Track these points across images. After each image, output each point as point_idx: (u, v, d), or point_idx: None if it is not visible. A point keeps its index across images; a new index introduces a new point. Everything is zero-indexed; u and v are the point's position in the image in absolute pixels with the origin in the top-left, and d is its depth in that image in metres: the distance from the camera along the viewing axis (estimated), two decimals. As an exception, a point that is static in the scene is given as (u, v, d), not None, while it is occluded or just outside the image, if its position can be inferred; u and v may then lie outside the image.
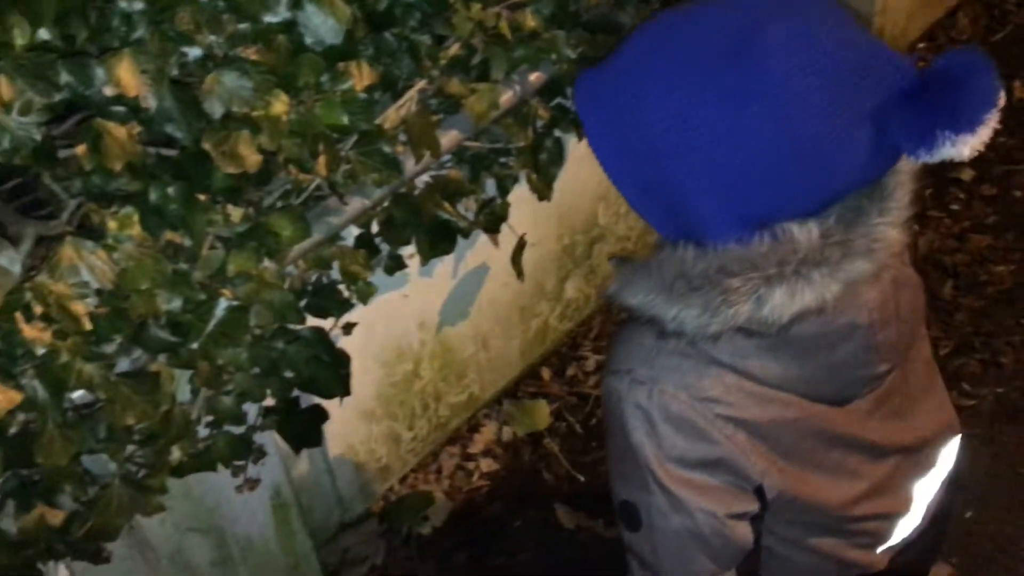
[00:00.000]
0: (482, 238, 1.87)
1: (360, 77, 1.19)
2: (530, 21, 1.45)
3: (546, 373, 2.43)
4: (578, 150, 1.92)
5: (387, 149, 1.28)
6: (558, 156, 1.72)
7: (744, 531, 1.06)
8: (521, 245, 1.72)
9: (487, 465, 2.26)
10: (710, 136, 0.89)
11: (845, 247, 0.92)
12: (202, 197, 1.08)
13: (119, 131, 0.96)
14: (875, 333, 1.02)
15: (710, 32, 0.90)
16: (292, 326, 1.35)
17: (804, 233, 0.91)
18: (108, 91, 0.92)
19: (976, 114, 0.84)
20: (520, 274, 1.73)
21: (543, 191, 1.72)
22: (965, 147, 0.85)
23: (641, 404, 0.99)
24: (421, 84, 1.35)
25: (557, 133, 1.71)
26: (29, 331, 0.98)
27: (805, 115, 0.86)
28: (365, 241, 1.51)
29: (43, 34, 0.84)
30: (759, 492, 1.05)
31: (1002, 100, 0.86)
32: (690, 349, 0.98)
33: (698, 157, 0.90)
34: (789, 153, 0.88)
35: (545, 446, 2.29)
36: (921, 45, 3.14)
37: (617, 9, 1.64)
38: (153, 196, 1.04)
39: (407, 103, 1.34)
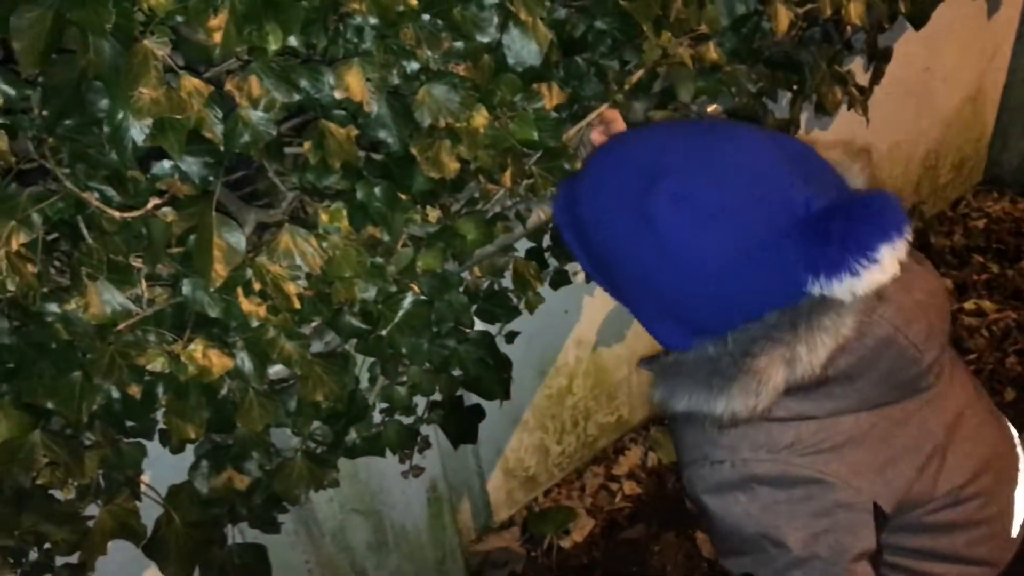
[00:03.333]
0: (645, 262, 1.92)
1: (550, 97, 1.27)
2: (712, 54, 1.50)
3: (695, 403, 2.43)
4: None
5: (568, 166, 1.35)
6: (728, 187, 1.75)
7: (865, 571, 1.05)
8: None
9: (630, 488, 2.28)
10: (631, 271, 1.04)
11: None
12: (402, 197, 1.18)
13: (340, 132, 1.07)
14: (905, 335, 1.04)
15: (627, 174, 1.04)
16: (463, 327, 1.44)
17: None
18: (337, 95, 1.03)
19: (840, 263, 0.91)
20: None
21: (711, 220, 1.75)
22: (836, 290, 0.93)
23: (728, 480, 1.04)
24: (605, 107, 1.42)
25: (729, 164, 1.75)
26: (247, 305, 1.09)
27: (697, 259, 0.97)
28: (536, 254, 1.58)
29: (292, 41, 0.95)
30: (876, 515, 1.05)
31: (883, 254, 0.90)
32: (748, 421, 1.03)
33: (629, 283, 1.06)
34: (696, 292, 0.99)
35: (689, 475, 2.30)
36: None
37: (799, 47, 1.67)
38: (360, 194, 1.14)
39: (589, 124, 1.41)
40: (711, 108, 1.60)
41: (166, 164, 1.01)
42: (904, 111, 2.44)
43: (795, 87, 1.70)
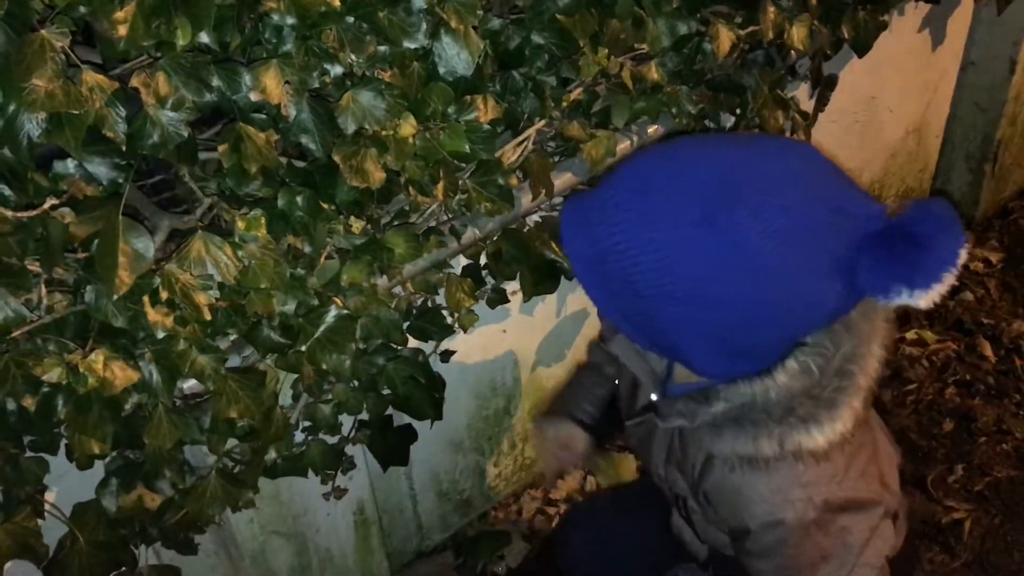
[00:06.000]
0: (585, 284, 1.88)
1: (485, 111, 1.24)
2: (654, 74, 1.48)
3: (636, 428, 2.41)
4: (689, 206, 1.93)
5: (502, 181, 1.32)
6: (668, 208, 1.73)
7: None
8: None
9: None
10: (687, 292, 0.95)
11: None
12: (326, 207, 1.13)
13: (259, 137, 1.03)
14: None
15: (691, 193, 0.94)
16: (394, 344, 1.40)
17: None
18: (253, 96, 0.99)
19: (933, 273, 0.91)
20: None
21: (650, 242, 1.73)
22: (921, 300, 0.92)
23: (809, 518, 1.07)
24: (541, 124, 1.40)
25: (670, 186, 1.73)
26: (153, 314, 1.04)
27: (775, 278, 0.92)
28: (472, 272, 1.55)
29: (203, 37, 0.91)
30: None
31: (962, 258, 0.91)
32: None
33: (677, 309, 0.97)
34: (761, 311, 0.95)
35: (628, 501, 2.26)
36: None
37: (742, 70, 1.66)
38: (281, 201, 1.10)
39: (526, 141, 1.39)
40: (652, 129, 1.58)
41: (70, 163, 0.96)
42: (848, 140, 2.45)
43: (737, 110, 1.69)
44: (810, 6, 1.62)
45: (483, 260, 1.55)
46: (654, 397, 1.20)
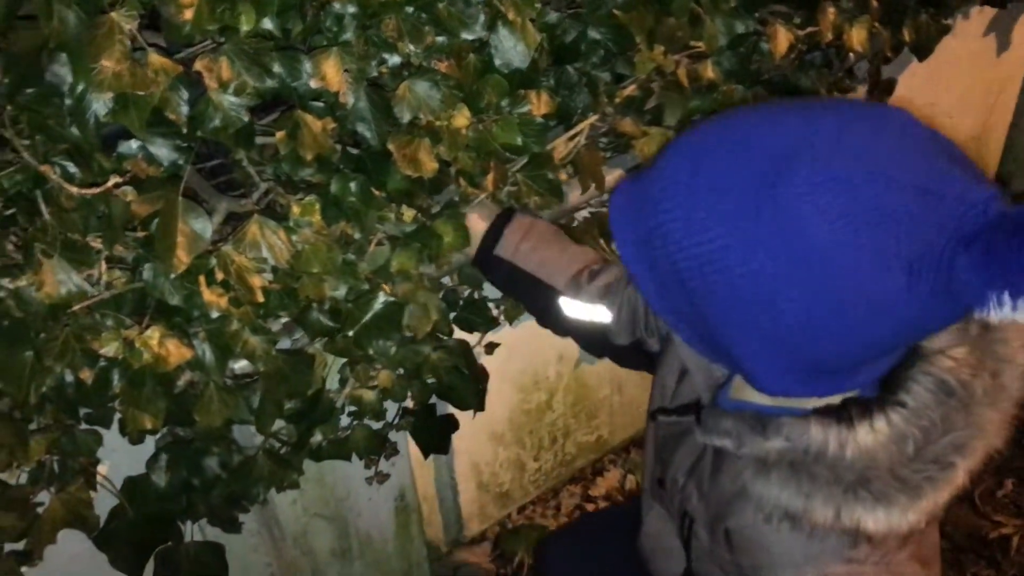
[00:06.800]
0: (633, 281, 1.88)
1: (538, 104, 1.25)
2: (709, 72, 1.47)
3: (678, 428, 2.40)
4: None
5: (551, 175, 1.33)
6: (720, 208, 1.72)
7: None
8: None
9: (606, 510, 2.25)
10: (737, 285, 0.77)
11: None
12: (378, 194, 1.15)
13: (315, 124, 1.05)
14: None
15: (745, 166, 0.76)
16: (440, 334, 1.41)
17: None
18: (313, 84, 1.01)
19: None
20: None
21: (700, 241, 1.73)
22: None
23: None
24: (594, 119, 1.40)
25: (721, 185, 1.72)
26: (208, 294, 1.06)
27: (837, 270, 0.72)
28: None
29: (266, 23, 0.93)
30: None
31: None
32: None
33: (727, 305, 0.79)
34: (823, 313, 0.75)
35: (667, 501, 2.26)
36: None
37: (799, 71, 1.64)
38: (334, 188, 1.12)
39: (578, 135, 1.39)
40: (705, 127, 1.57)
41: (133, 144, 0.98)
42: (906, 146, 2.42)
43: (793, 111, 1.67)
44: (871, 8, 1.60)
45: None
46: (703, 400, 1.05)
